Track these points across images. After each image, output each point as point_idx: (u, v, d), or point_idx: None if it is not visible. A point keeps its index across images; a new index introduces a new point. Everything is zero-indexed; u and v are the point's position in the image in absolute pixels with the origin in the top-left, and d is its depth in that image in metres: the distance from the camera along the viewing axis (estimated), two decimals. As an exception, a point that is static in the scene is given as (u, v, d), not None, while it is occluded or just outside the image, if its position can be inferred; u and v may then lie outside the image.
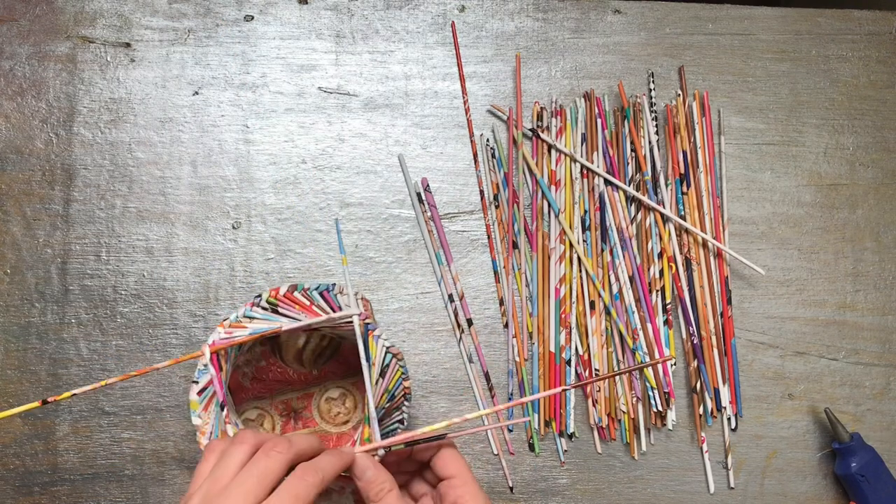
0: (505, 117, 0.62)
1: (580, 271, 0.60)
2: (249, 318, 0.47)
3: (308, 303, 0.48)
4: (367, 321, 0.47)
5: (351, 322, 0.47)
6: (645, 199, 0.61)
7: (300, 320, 0.47)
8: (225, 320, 0.47)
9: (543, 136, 0.61)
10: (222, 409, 0.46)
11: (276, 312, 0.48)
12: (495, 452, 0.58)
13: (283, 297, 0.48)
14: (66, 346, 0.57)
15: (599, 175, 0.60)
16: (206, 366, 0.46)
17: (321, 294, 0.48)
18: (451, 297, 0.59)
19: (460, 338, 0.59)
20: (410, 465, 0.47)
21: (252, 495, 0.36)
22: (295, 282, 0.59)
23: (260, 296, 0.48)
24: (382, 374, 0.47)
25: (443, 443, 0.45)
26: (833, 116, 0.64)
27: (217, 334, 0.46)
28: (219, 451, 0.40)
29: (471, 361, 0.59)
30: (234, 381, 0.53)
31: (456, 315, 0.59)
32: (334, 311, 0.48)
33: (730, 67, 0.64)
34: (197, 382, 0.46)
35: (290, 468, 0.39)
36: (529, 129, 0.61)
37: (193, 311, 0.58)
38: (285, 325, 0.46)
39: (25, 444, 0.56)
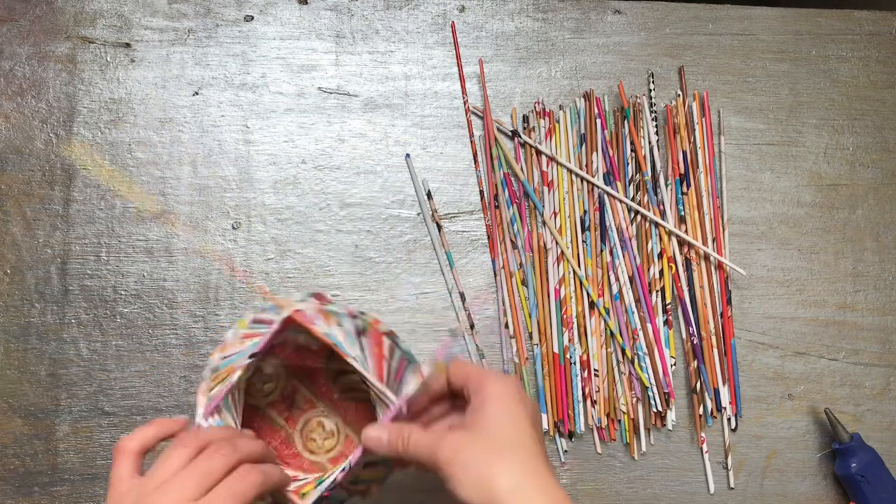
0: (485, 118, 0.62)
1: (575, 275, 0.59)
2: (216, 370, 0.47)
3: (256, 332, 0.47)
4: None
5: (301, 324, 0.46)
6: (634, 204, 0.61)
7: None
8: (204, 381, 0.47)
9: (525, 137, 0.61)
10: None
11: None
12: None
13: (232, 343, 0.47)
14: (66, 347, 0.57)
15: (584, 178, 0.60)
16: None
17: (258, 322, 0.48)
18: (462, 295, 0.59)
19: (474, 338, 0.59)
20: (439, 408, 0.46)
21: (190, 493, 0.36)
22: (288, 287, 0.59)
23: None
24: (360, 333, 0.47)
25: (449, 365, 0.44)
26: (833, 116, 0.64)
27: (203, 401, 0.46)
28: (132, 452, 0.39)
29: (482, 357, 0.59)
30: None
31: (469, 316, 0.59)
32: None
33: (730, 67, 0.64)
34: None
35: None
36: (511, 131, 0.61)
37: (193, 311, 0.58)
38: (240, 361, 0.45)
39: (25, 445, 0.56)
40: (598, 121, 0.61)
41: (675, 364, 0.60)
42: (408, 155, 0.61)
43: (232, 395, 0.46)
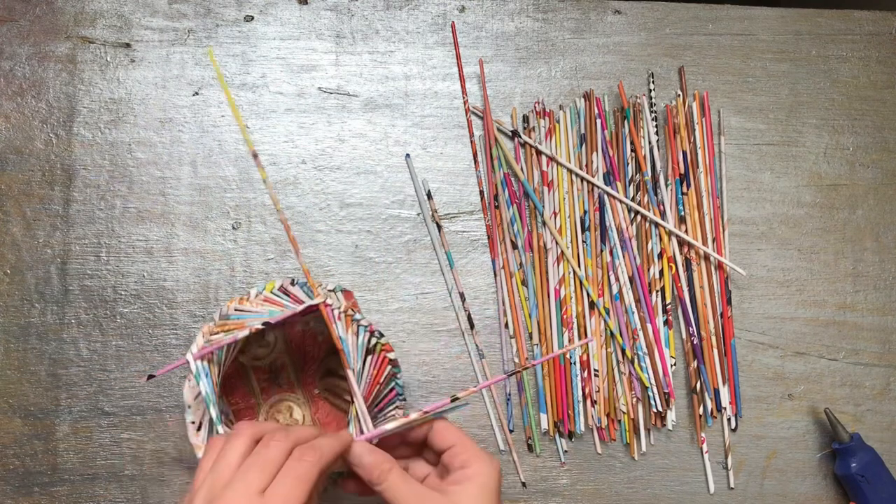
0: (485, 118, 0.62)
1: (575, 275, 0.59)
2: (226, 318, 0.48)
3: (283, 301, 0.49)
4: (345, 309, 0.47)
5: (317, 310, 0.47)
6: (634, 204, 0.61)
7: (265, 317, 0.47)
8: (211, 322, 0.47)
9: (525, 137, 0.61)
10: (211, 429, 0.45)
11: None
12: (502, 449, 0.58)
13: (254, 301, 0.48)
14: (65, 347, 0.57)
15: (584, 178, 0.61)
16: (197, 376, 0.45)
17: (283, 291, 0.49)
18: (462, 295, 0.59)
19: (474, 338, 0.59)
20: (406, 449, 0.48)
21: (255, 485, 0.37)
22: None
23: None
24: (370, 352, 0.47)
25: (433, 419, 0.46)
26: (833, 117, 0.64)
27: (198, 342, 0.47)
28: (219, 446, 0.40)
29: (482, 358, 0.59)
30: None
31: (469, 316, 0.59)
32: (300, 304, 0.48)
33: (730, 68, 0.64)
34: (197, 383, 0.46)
35: None
36: (511, 131, 0.61)
37: (193, 311, 0.58)
38: (255, 323, 0.46)
39: (25, 445, 0.56)
40: (598, 121, 0.61)
41: (675, 364, 0.60)
42: (408, 155, 0.61)
43: (228, 347, 0.46)
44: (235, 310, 0.48)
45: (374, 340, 0.47)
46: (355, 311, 0.47)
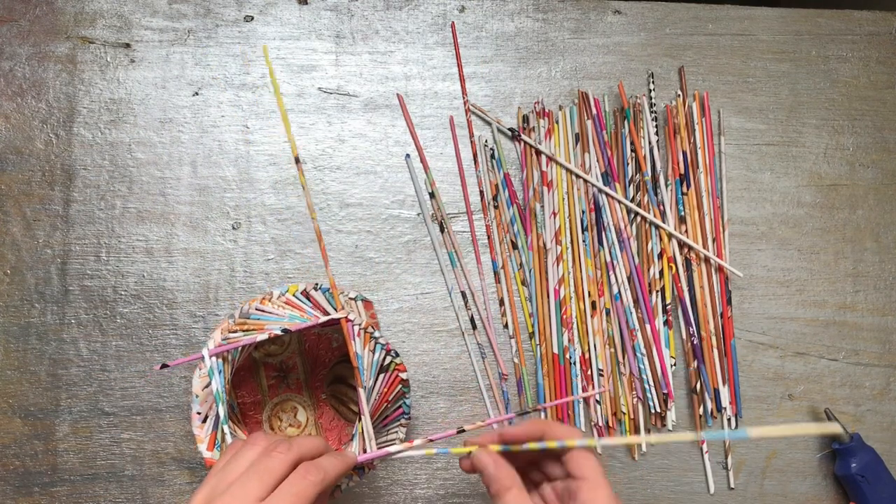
0: (486, 116, 0.62)
1: (578, 271, 0.59)
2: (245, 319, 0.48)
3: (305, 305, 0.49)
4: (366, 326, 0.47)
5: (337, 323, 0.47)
6: (632, 205, 0.61)
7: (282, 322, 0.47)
8: (230, 317, 0.47)
9: (525, 137, 0.61)
10: (216, 425, 0.46)
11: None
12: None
13: (276, 302, 0.48)
14: (65, 347, 0.57)
15: (581, 177, 0.61)
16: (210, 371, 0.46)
17: (307, 296, 0.49)
18: (463, 294, 0.59)
19: (474, 337, 0.59)
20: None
21: (253, 493, 0.37)
22: (294, 283, 0.59)
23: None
24: (383, 369, 0.48)
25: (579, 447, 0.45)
26: (833, 117, 0.64)
27: (215, 340, 0.47)
28: (235, 450, 0.42)
29: (483, 357, 0.59)
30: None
31: (470, 315, 0.59)
32: (326, 313, 0.48)
33: (730, 68, 0.64)
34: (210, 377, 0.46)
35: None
36: (509, 129, 0.61)
37: (193, 311, 0.58)
38: (274, 329, 0.46)
39: (25, 445, 0.56)
40: (591, 122, 0.61)
41: (675, 364, 0.60)
42: (408, 155, 0.61)
43: (244, 347, 0.46)
44: (256, 309, 0.48)
45: (389, 359, 0.48)
46: (374, 329, 0.48)
